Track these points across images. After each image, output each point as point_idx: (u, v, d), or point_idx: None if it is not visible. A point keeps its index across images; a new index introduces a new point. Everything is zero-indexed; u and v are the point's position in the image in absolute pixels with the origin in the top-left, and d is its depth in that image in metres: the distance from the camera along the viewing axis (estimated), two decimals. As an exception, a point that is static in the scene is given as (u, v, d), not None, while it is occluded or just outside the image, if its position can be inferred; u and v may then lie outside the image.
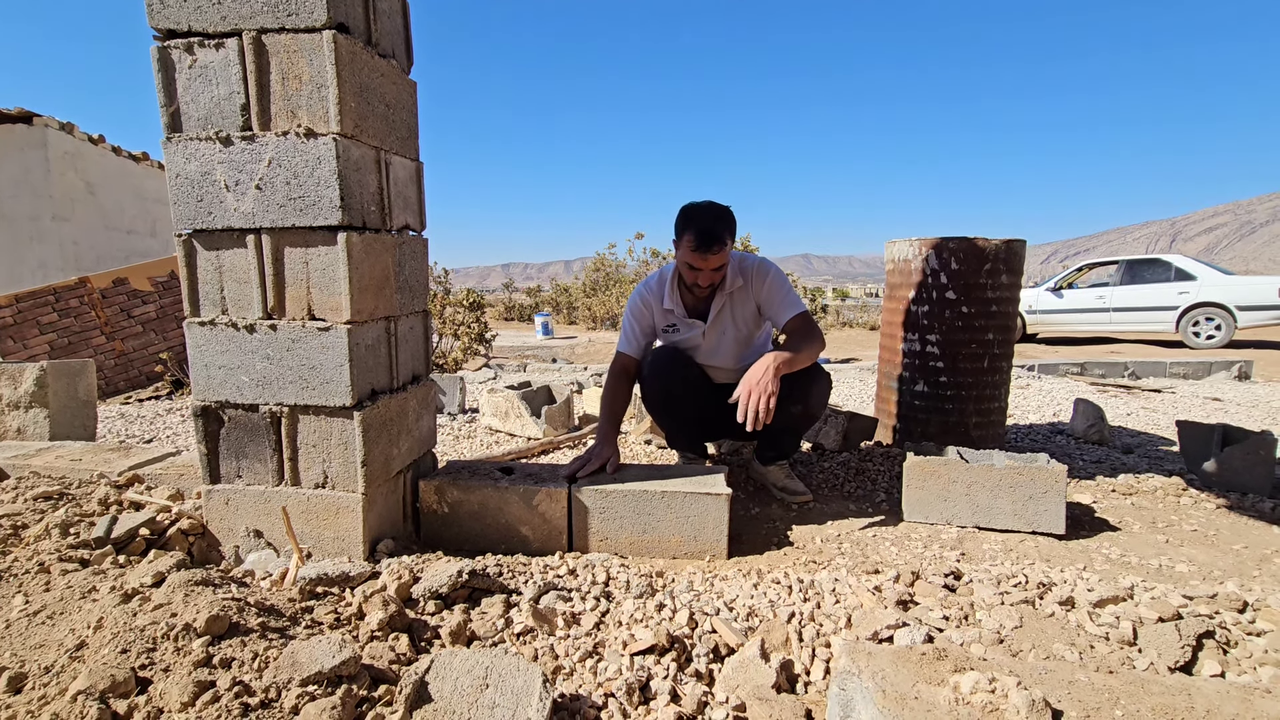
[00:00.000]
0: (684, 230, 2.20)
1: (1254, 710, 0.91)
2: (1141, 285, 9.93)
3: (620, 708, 1.17)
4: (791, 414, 2.35)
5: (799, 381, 2.31)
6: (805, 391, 2.31)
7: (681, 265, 2.28)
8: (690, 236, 2.17)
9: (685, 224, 2.20)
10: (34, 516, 1.76)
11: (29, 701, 1.05)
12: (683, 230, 2.21)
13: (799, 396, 2.31)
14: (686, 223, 2.20)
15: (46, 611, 1.30)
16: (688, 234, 2.18)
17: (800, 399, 2.32)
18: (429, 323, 2.10)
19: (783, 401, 2.33)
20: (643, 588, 1.60)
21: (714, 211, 2.20)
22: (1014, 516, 2.03)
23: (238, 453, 1.73)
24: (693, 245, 2.17)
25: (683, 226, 2.21)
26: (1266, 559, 1.88)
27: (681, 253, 2.23)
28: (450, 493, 1.91)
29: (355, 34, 1.62)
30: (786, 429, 2.42)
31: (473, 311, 9.59)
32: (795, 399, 2.31)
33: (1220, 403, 4.81)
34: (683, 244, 2.21)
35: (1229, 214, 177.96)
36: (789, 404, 2.33)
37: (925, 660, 1.01)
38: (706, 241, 2.15)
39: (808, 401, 2.33)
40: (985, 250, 2.77)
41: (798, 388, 2.30)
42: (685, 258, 2.22)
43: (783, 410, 2.35)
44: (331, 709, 1.00)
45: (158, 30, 1.59)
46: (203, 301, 1.68)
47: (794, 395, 2.31)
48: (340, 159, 1.55)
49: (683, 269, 2.28)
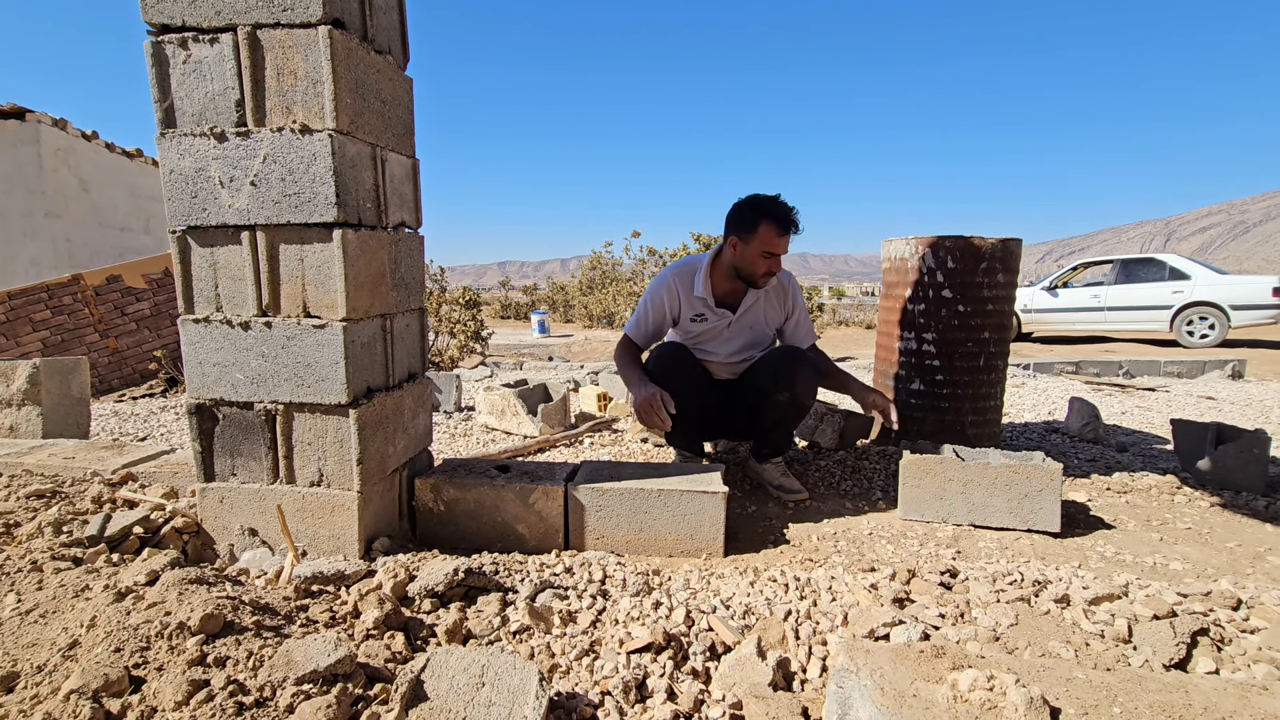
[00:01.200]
0: (760, 218, 2.30)
1: (1251, 707, 0.91)
2: (1136, 284, 9.97)
3: (617, 706, 1.16)
4: (779, 403, 2.38)
5: (784, 368, 2.37)
6: (791, 377, 2.35)
7: (755, 257, 2.35)
8: (771, 223, 2.28)
9: (760, 213, 2.30)
10: (27, 515, 1.75)
11: (21, 701, 1.04)
12: (758, 219, 2.30)
13: (785, 384, 2.35)
14: (762, 212, 2.30)
15: (39, 610, 1.29)
16: (766, 222, 2.28)
17: (787, 385, 2.35)
18: (425, 320, 2.09)
19: (770, 390, 2.38)
20: (639, 586, 1.60)
21: (784, 202, 2.32)
22: (1010, 514, 2.03)
23: (232, 451, 1.72)
24: (778, 231, 2.28)
25: (758, 216, 2.30)
26: (1260, 557, 1.89)
27: (757, 242, 2.31)
28: (446, 491, 1.91)
29: (351, 29, 1.61)
30: (779, 421, 2.44)
31: (469, 309, 9.57)
32: (782, 386, 2.35)
33: (1214, 401, 4.83)
34: (759, 232, 2.30)
35: (1223, 213, 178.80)
36: (776, 392, 2.37)
37: (923, 658, 1.01)
38: (789, 225, 2.29)
39: (794, 388, 2.36)
40: (981, 249, 2.77)
41: (784, 374, 2.36)
42: (764, 245, 2.31)
43: (771, 400, 2.38)
44: (327, 708, 0.99)
45: (152, 25, 1.58)
46: (197, 299, 1.67)
47: (780, 383, 2.35)
48: (336, 155, 1.54)
49: (755, 260, 2.35)
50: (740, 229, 2.35)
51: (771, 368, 2.41)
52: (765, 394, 2.40)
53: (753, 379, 2.49)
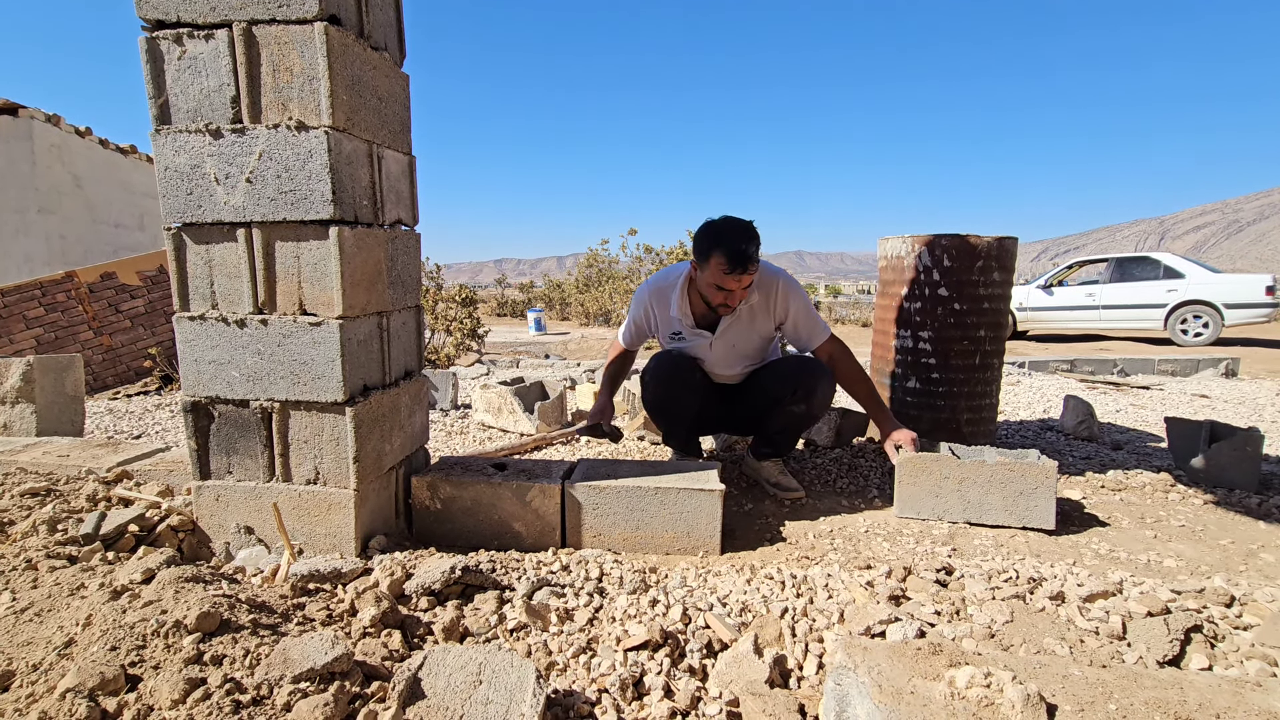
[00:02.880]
0: (712, 250, 2.09)
1: (1245, 703, 0.91)
2: (1130, 283, 10.01)
3: (614, 703, 1.17)
4: (794, 413, 2.33)
5: (805, 380, 2.27)
6: (810, 391, 2.27)
7: (707, 286, 2.17)
8: (721, 258, 2.07)
9: (714, 243, 2.09)
10: (21, 513, 1.74)
11: (17, 700, 1.04)
12: (710, 249, 2.10)
13: (803, 395, 2.28)
14: (715, 242, 2.09)
15: (34, 609, 1.29)
16: (717, 254, 2.08)
17: (804, 398, 2.28)
18: (421, 318, 2.08)
19: (786, 401, 2.32)
20: (636, 584, 1.60)
21: (744, 230, 2.10)
22: (1005, 512, 2.04)
23: (228, 448, 1.72)
24: (725, 268, 2.07)
25: (710, 245, 2.10)
26: (1253, 554, 1.90)
27: (710, 273, 2.13)
28: (443, 489, 1.90)
29: (347, 26, 1.60)
30: (787, 427, 2.41)
31: (465, 307, 9.55)
32: (799, 398, 2.29)
33: (1208, 399, 4.85)
34: (711, 264, 2.10)
35: (1217, 212, 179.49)
36: (793, 404, 2.31)
37: (920, 655, 1.01)
38: (740, 262, 2.06)
39: (811, 401, 2.29)
40: (977, 247, 2.78)
41: (803, 387, 2.27)
42: (714, 279, 2.12)
43: (786, 410, 2.33)
44: (324, 705, 0.99)
45: (146, 21, 1.57)
46: (192, 296, 1.67)
47: (798, 394, 2.29)
48: (332, 152, 1.54)
49: (708, 290, 2.18)
50: (698, 253, 2.18)
51: (791, 379, 2.29)
52: (778, 402, 2.33)
53: (765, 385, 2.39)
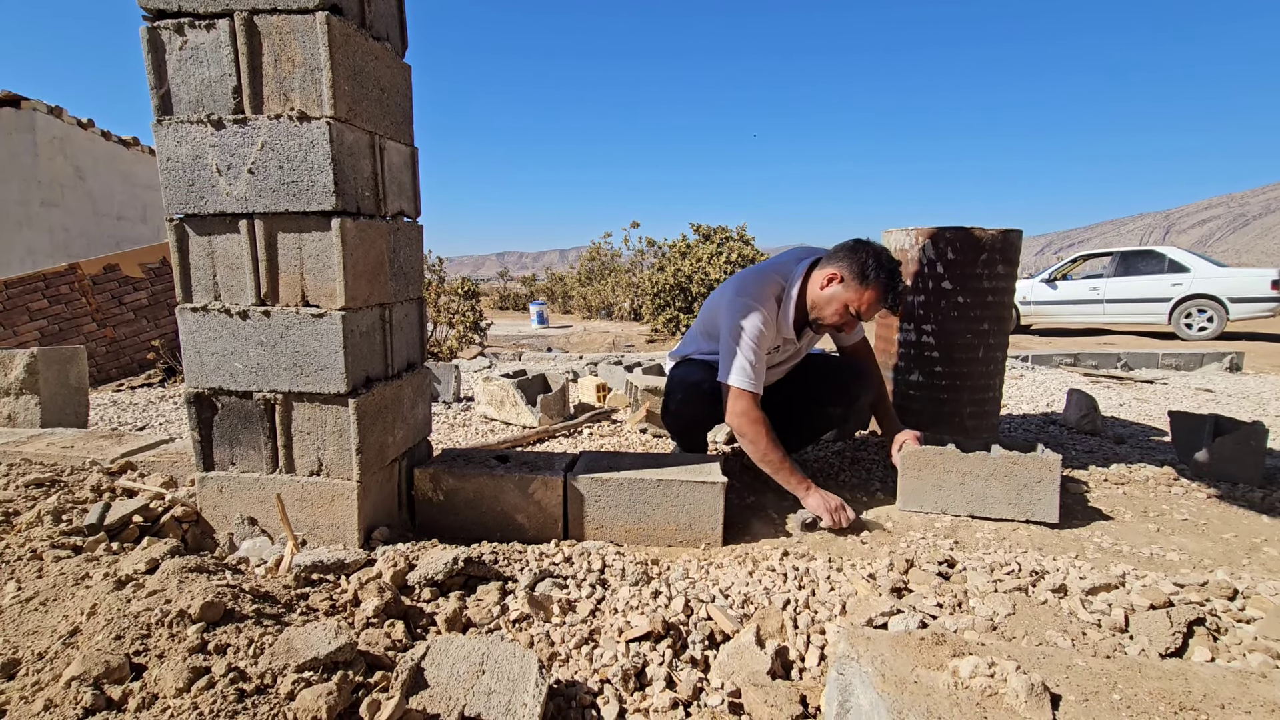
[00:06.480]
0: (875, 279, 2.02)
1: (1250, 694, 0.91)
2: (1135, 277, 9.97)
3: (616, 694, 1.17)
4: (830, 415, 2.33)
5: (854, 388, 2.27)
6: (856, 398, 2.25)
7: (839, 302, 2.08)
8: (883, 291, 2.03)
9: (882, 275, 2.03)
10: (26, 503, 1.75)
11: (23, 688, 1.05)
12: (875, 276, 2.02)
13: (849, 401, 2.27)
14: (886, 273, 2.03)
15: (40, 598, 1.29)
16: (880, 286, 2.02)
17: (849, 403, 2.27)
18: (424, 310, 2.08)
19: (829, 403, 2.31)
20: (638, 575, 1.60)
21: (900, 269, 2.09)
22: (1008, 505, 2.04)
23: (231, 440, 1.72)
24: (883, 302, 2.05)
25: (874, 274, 2.03)
26: (1256, 548, 1.90)
27: (856, 295, 2.05)
28: (446, 481, 1.91)
29: (349, 16, 1.59)
30: (815, 427, 2.41)
31: (468, 300, 9.56)
32: (844, 403, 2.28)
33: (1211, 394, 4.84)
34: (868, 291, 2.03)
35: (1222, 206, 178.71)
36: (835, 406, 2.30)
37: (924, 645, 1.01)
38: (896, 303, 2.06)
39: (853, 408, 2.28)
40: (982, 240, 2.77)
41: (850, 394, 2.26)
42: (859, 302, 2.05)
43: (824, 410, 2.33)
44: (328, 694, 1.00)
45: (147, 10, 1.56)
46: (195, 287, 1.66)
47: (844, 399, 2.28)
48: (334, 143, 1.53)
49: (837, 306, 2.09)
50: (851, 268, 2.05)
51: (842, 386, 2.26)
52: (817, 402, 2.31)
53: (809, 385, 2.35)
